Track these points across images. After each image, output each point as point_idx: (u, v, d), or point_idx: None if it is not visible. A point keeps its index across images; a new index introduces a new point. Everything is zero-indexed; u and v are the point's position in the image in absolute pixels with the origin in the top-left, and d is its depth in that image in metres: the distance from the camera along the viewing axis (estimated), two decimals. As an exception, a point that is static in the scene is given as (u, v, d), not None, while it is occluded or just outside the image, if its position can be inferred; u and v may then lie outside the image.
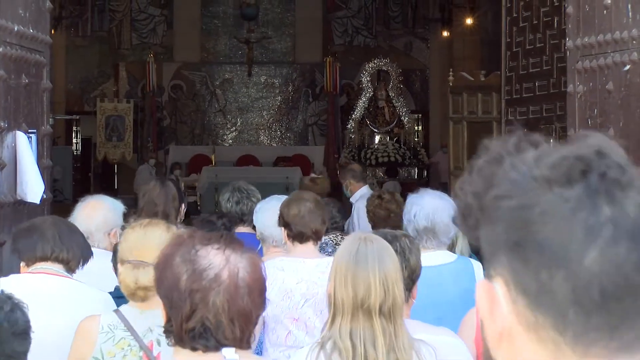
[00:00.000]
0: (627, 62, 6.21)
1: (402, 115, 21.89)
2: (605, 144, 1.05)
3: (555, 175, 1.03)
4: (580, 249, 1.01)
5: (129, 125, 22.11)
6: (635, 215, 1.02)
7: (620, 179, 1.03)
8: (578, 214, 1.01)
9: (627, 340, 1.03)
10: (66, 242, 3.87)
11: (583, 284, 1.01)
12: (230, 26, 23.90)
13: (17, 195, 6.09)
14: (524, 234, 1.03)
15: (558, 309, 1.02)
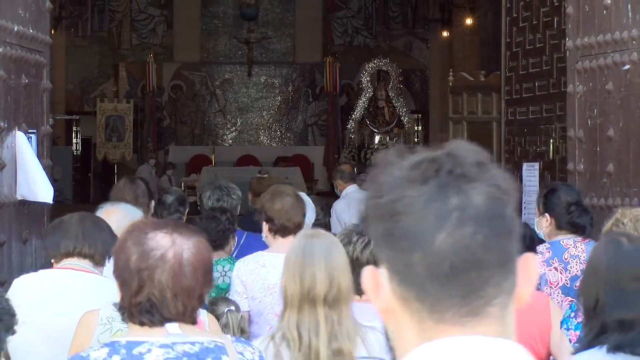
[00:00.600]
0: (626, 62, 6.21)
1: (402, 116, 21.90)
2: (458, 147, 1.28)
3: (415, 175, 1.26)
4: (432, 232, 1.24)
5: (129, 126, 22.10)
6: (479, 203, 1.24)
7: (467, 174, 1.25)
8: (431, 205, 1.24)
9: (475, 306, 1.24)
10: (89, 238, 3.99)
11: (436, 261, 1.24)
12: (230, 26, 23.90)
13: (18, 196, 6.09)
14: (391, 224, 1.26)
15: (418, 283, 1.25)
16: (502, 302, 1.26)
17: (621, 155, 6.27)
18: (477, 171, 1.26)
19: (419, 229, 1.25)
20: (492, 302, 1.25)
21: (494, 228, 1.25)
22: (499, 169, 1.30)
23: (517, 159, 9.23)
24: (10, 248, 6.09)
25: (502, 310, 1.27)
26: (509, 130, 9.46)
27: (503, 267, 1.26)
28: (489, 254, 1.25)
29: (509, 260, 1.27)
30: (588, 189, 6.59)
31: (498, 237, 1.26)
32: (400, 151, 1.31)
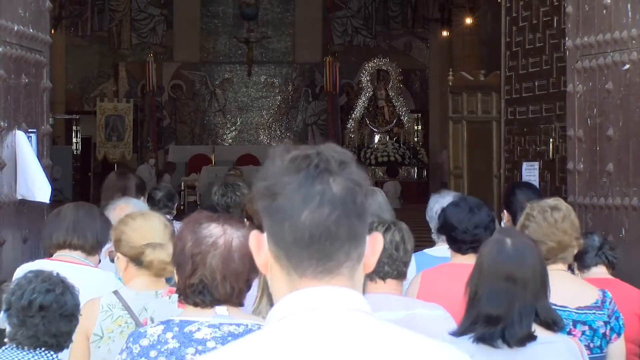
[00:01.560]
0: (626, 62, 6.22)
1: (401, 115, 21.90)
2: (327, 148, 1.70)
3: (291, 167, 1.68)
4: (298, 210, 1.66)
5: (129, 125, 22.10)
6: (335, 191, 1.67)
7: (330, 169, 1.67)
8: (300, 189, 1.67)
9: (329, 267, 1.68)
10: (79, 230, 4.16)
11: (299, 231, 1.67)
12: (230, 26, 23.90)
13: (17, 195, 6.09)
14: (270, 201, 1.69)
15: (287, 247, 1.68)
16: (350, 266, 1.70)
17: (621, 155, 6.27)
18: (338, 168, 1.69)
19: (289, 207, 1.68)
20: (342, 265, 1.69)
21: (345, 211, 1.68)
22: (357, 168, 1.72)
23: (516, 159, 9.22)
24: (10, 247, 6.09)
25: (351, 272, 1.70)
26: (508, 130, 9.46)
27: (351, 240, 1.69)
28: (340, 229, 1.67)
29: (357, 236, 1.70)
30: (588, 188, 6.59)
31: (348, 217, 1.68)
32: (285, 147, 1.72)
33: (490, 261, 3.36)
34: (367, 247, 1.72)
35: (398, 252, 3.72)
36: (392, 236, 3.72)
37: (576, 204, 6.68)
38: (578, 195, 6.68)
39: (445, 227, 4.57)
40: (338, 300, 1.67)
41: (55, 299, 3.27)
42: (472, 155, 15.46)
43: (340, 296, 1.67)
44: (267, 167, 1.72)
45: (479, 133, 15.16)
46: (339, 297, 1.67)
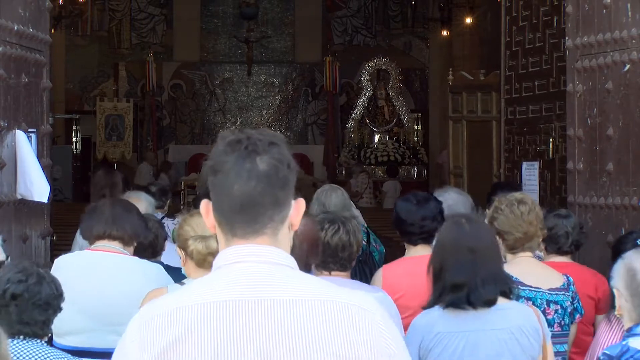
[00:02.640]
0: (626, 62, 6.21)
1: (401, 115, 21.89)
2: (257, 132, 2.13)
3: (228, 149, 2.12)
4: (232, 183, 2.10)
5: (129, 125, 22.09)
6: (261, 168, 2.09)
7: (257, 150, 2.10)
8: (233, 167, 2.10)
9: (255, 228, 2.13)
10: (118, 222, 4.47)
11: (233, 201, 2.11)
12: (229, 25, 23.90)
13: (17, 195, 6.09)
14: (213, 177, 2.13)
15: (224, 213, 2.14)
16: (273, 227, 2.14)
17: (621, 155, 6.27)
18: (264, 148, 2.11)
19: (225, 181, 2.11)
20: (266, 226, 2.13)
21: (269, 183, 2.10)
22: (284, 149, 2.14)
23: (516, 158, 9.23)
24: (10, 247, 6.09)
25: (274, 231, 2.14)
26: (508, 129, 9.46)
27: (275, 206, 2.12)
28: (265, 198, 2.11)
29: (279, 203, 2.13)
30: (588, 188, 6.59)
31: (272, 188, 2.11)
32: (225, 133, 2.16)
33: (451, 238, 3.85)
34: (293, 210, 2.17)
35: (343, 252, 4.17)
36: (339, 239, 4.16)
37: (576, 204, 6.68)
38: (578, 195, 6.68)
39: (396, 221, 4.92)
40: (258, 254, 2.13)
41: (27, 289, 3.34)
42: (472, 155, 15.46)
43: (260, 251, 2.13)
44: (213, 149, 2.16)
45: (479, 133, 15.16)
46: (259, 252, 2.13)
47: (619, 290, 3.48)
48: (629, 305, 3.44)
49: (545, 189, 8.76)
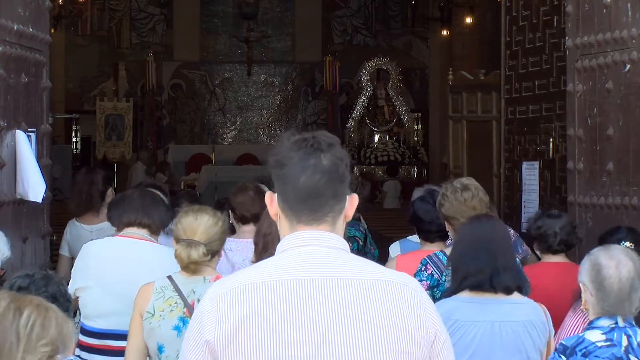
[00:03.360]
0: (626, 61, 6.21)
1: (401, 114, 21.89)
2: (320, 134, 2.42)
3: (294, 146, 2.39)
4: (298, 176, 2.37)
5: (129, 124, 22.09)
6: (325, 163, 2.37)
7: (321, 148, 2.38)
8: (299, 162, 2.37)
9: (317, 216, 2.40)
10: (147, 211, 4.74)
11: (298, 191, 2.38)
12: (229, 25, 23.89)
13: (17, 194, 6.09)
14: (279, 170, 2.41)
15: (290, 202, 2.40)
16: (332, 216, 2.41)
17: (621, 154, 6.27)
18: (327, 147, 2.39)
19: (292, 174, 2.39)
20: (327, 215, 2.41)
21: (331, 177, 2.38)
22: (341, 148, 2.42)
23: (516, 158, 9.22)
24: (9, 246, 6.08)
25: (333, 220, 2.42)
26: (508, 129, 9.46)
27: (334, 198, 2.40)
28: (327, 190, 2.38)
29: (338, 195, 2.41)
30: (588, 187, 6.58)
31: (333, 182, 2.39)
32: (291, 132, 2.44)
33: (469, 232, 4.14)
34: (347, 203, 2.45)
35: None
36: None
37: (576, 204, 6.68)
38: (578, 195, 6.68)
39: (414, 219, 5.20)
40: (320, 239, 2.40)
41: (32, 282, 3.51)
42: (472, 155, 15.46)
43: (322, 237, 2.40)
44: (277, 146, 2.43)
45: (479, 132, 15.16)
46: (321, 237, 2.40)
47: (584, 285, 3.65)
48: (594, 299, 3.60)
49: (546, 189, 8.75)
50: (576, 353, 3.53)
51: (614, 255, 3.62)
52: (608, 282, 3.57)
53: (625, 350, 3.54)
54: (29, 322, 1.94)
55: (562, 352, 3.57)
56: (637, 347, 3.55)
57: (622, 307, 3.59)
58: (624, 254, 3.65)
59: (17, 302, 1.97)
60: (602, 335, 3.57)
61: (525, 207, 8.81)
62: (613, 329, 3.58)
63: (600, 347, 3.54)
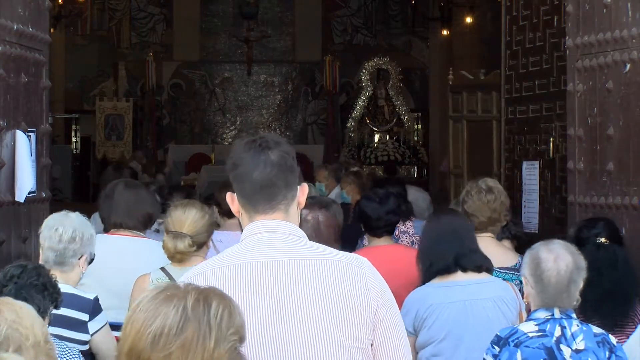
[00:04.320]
0: (627, 61, 6.20)
1: (401, 114, 21.88)
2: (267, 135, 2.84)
3: (245, 147, 2.77)
4: (252, 172, 2.72)
5: (129, 124, 22.09)
6: (273, 158, 2.72)
7: (268, 146, 2.75)
8: (251, 160, 2.73)
9: (271, 205, 2.73)
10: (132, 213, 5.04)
11: (254, 185, 2.72)
12: (229, 25, 23.89)
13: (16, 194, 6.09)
14: (235, 170, 2.76)
15: (247, 196, 2.75)
16: (286, 203, 2.74)
17: (621, 154, 6.26)
18: (274, 144, 2.76)
19: (246, 171, 2.75)
20: (280, 203, 2.74)
21: (280, 169, 2.73)
22: (287, 145, 2.79)
23: (517, 158, 9.22)
24: (9, 247, 6.08)
25: (286, 207, 2.75)
26: (508, 129, 9.45)
27: (286, 187, 2.74)
28: (278, 181, 2.72)
29: (289, 184, 2.75)
30: (588, 187, 6.58)
31: (283, 172, 2.73)
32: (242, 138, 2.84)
33: (434, 226, 4.61)
34: (299, 192, 2.78)
35: None
36: None
37: (576, 203, 6.67)
38: (578, 195, 6.67)
39: (361, 217, 5.54)
40: (274, 226, 2.73)
41: (24, 270, 3.71)
42: (472, 155, 15.45)
43: (276, 225, 2.73)
44: (232, 151, 2.81)
45: (479, 132, 15.15)
46: (274, 225, 2.73)
47: (525, 278, 3.83)
48: (534, 292, 3.78)
49: (546, 189, 8.75)
50: (509, 343, 3.70)
51: (553, 249, 3.78)
52: (546, 275, 3.72)
53: (556, 340, 3.68)
54: (218, 312, 2.01)
55: (496, 342, 3.75)
56: (570, 337, 3.68)
57: (560, 299, 3.74)
58: (563, 248, 3.79)
59: (204, 294, 2.04)
60: (536, 326, 3.72)
61: (525, 207, 8.81)
62: (548, 321, 3.73)
63: (531, 338, 3.69)
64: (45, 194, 6.63)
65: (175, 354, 1.95)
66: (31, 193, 6.25)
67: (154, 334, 1.96)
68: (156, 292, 2.05)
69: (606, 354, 3.69)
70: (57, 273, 4.14)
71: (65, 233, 4.31)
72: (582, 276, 3.79)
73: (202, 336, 1.97)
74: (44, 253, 4.34)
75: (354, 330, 2.62)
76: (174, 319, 1.97)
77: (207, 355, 1.96)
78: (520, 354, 3.67)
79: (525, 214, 8.68)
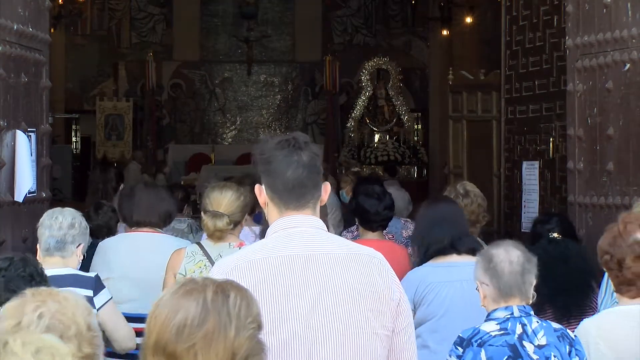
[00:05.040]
0: (626, 61, 6.21)
1: (401, 114, 21.87)
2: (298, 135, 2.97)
3: (278, 145, 2.91)
4: (284, 170, 2.89)
5: (129, 124, 22.07)
6: (305, 159, 2.89)
7: (300, 147, 2.91)
8: (284, 158, 2.89)
9: (301, 203, 2.92)
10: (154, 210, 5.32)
11: (286, 183, 2.89)
12: (229, 25, 23.88)
13: (13, 194, 6.09)
14: (267, 166, 2.92)
15: (278, 192, 2.92)
16: (313, 202, 2.94)
17: (621, 154, 6.27)
18: (304, 145, 2.92)
19: (279, 169, 2.91)
20: (309, 201, 2.93)
21: (310, 170, 2.92)
22: (315, 146, 2.97)
23: (517, 158, 9.22)
24: (9, 247, 6.08)
25: (314, 205, 2.95)
26: (508, 129, 9.46)
27: (314, 187, 2.94)
28: (308, 181, 2.91)
29: (317, 184, 2.95)
30: (588, 187, 6.58)
31: (312, 174, 2.92)
32: (272, 135, 3.02)
33: (429, 214, 4.91)
34: (322, 191, 2.97)
35: None
36: None
37: (576, 203, 6.68)
38: (578, 195, 6.67)
39: (358, 211, 5.91)
40: (306, 222, 2.92)
41: (12, 263, 3.87)
42: (472, 155, 15.44)
43: (307, 220, 2.92)
44: (262, 147, 2.96)
45: (479, 132, 15.15)
46: (306, 220, 2.92)
47: (480, 281, 3.96)
48: (491, 288, 3.92)
49: (546, 189, 8.75)
50: (472, 344, 3.79)
51: (501, 245, 3.98)
52: (500, 266, 3.88)
53: (519, 337, 3.80)
54: (236, 303, 2.12)
55: (459, 344, 3.85)
56: (531, 333, 3.80)
57: (516, 287, 3.86)
58: (511, 244, 3.98)
59: (221, 287, 2.15)
60: (497, 325, 3.83)
61: (525, 207, 8.81)
62: (508, 319, 3.84)
63: (494, 337, 3.79)
64: (45, 194, 6.64)
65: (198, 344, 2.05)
66: (31, 193, 6.26)
67: (177, 326, 2.07)
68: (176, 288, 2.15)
69: (567, 347, 3.80)
70: (58, 259, 4.63)
71: (65, 220, 4.66)
72: (534, 270, 3.92)
73: (223, 326, 2.08)
74: (45, 241, 4.64)
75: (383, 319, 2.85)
76: (195, 311, 2.08)
77: (229, 344, 2.07)
78: (484, 353, 3.77)
79: (525, 214, 8.68)
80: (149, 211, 5.37)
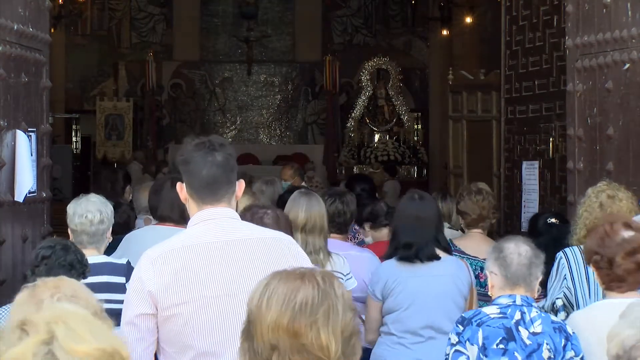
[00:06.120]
0: (626, 61, 6.21)
1: (401, 114, 21.88)
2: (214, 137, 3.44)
3: (195, 147, 3.36)
4: (200, 170, 3.32)
5: (129, 124, 22.07)
6: (219, 159, 3.35)
7: (215, 148, 3.35)
8: (201, 159, 3.33)
9: (216, 197, 3.34)
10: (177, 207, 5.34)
11: (202, 180, 3.33)
12: (229, 25, 23.88)
13: (14, 194, 6.09)
14: (186, 166, 3.36)
15: (196, 188, 3.35)
16: (228, 196, 3.34)
17: (621, 154, 6.27)
18: (219, 147, 3.31)
19: (196, 168, 3.30)
20: (223, 196, 3.32)
21: (224, 168, 3.30)
22: (230, 148, 3.37)
23: (516, 158, 9.22)
24: (9, 247, 6.09)
25: (228, 199, 3.33)
26: (508, 129, 9.46)
27: (228, 183, 3.32)
28: (222, 178, 3.30)
29: (230, 181, 3.33)
30: (588, 187, 6.58)
31: (226, 172, 3.30)
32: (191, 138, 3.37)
33: (404, 208, 5.25)
34: (237, 187, 3.37)
35: (339, 218, 5.61)
36: (335, 207, 5.59)
37: (576, 203, 6.67)
38: (578, 194, 6.67)
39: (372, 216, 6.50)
40: (220, 213, 3.31)
41: (54, 252, 4.14)
42: (472, 155, 15.45)
43: (222, 211, 3.32)
44: (183, 149, 3.36)
45: (479, 132, 15.15)
46: (221, 212, 3.31)
47: (490, 272, 4.16)
48: (498, 277, 4.12)
49: (546, 189, 8.76)
50: (472, 323, 4.06)
51: (513, 239, 4.22)
52: (509, 257, 4.09)
53: (516, 322, 4.03)
54: (340, 288, 2.34)
55: (460, 322, 4.12)
56: (529, 321, 4.02)
57: (522, 277, 4.08)
58: (522, 240, 4.20)
59: (324, 273, 2.36)
60: (497, 309, 4.08)
61: (525, 206, 8.81)
62: (509, 306, 4.06)
63: (492, 318, 4.05)
64: (45, 193, 6.64)
65: (320, 320, 2.26)
66: (31, 193, 6.26)
67: (300, 304, 2.27)
68: (284, 275, 2.35)
69: (562, 340, 4.00)
70: (93, 249, 4.90)
71: (95, 217, 4.95)
72: (542, 265, 4.13)
73: (335, 306, 2.29)
74: (78, 236, 4.89)
75: None
76: (314, 292, 2.29)
77: (343, 322, 2.28)
78: (481, 332, 4.02)
79: (525, 213, 8.69)
80: (172, 208, 5.58)
